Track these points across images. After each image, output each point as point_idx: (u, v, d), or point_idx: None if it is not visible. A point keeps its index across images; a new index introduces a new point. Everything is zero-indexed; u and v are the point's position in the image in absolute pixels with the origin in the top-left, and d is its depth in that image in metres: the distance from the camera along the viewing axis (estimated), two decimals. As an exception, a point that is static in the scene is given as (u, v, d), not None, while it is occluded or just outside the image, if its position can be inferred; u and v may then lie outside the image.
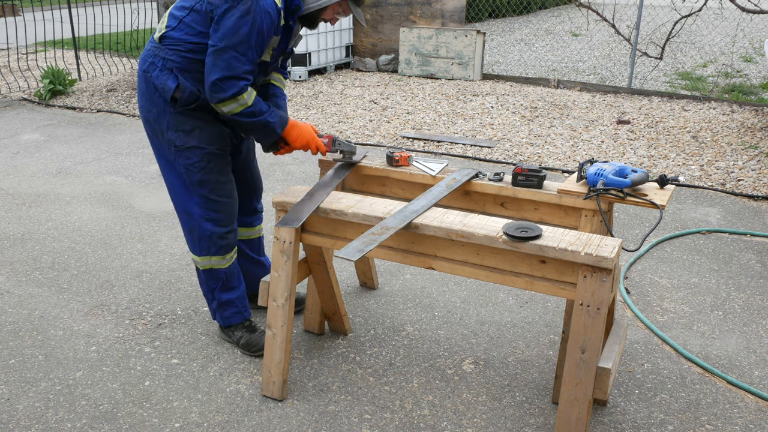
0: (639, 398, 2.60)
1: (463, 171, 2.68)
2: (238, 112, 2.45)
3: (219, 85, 2.38)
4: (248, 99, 2.44)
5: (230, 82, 2.38)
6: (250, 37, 2.37)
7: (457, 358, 2.84)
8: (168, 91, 2.50)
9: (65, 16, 12.29)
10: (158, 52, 2.53)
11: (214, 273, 2.78)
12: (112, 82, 8.44)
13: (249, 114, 2.47)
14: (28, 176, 5.06)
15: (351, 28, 9.28)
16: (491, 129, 6.31)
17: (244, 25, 2.35)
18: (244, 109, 2.45)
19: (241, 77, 2.40)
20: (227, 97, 2.40)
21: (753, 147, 5.67)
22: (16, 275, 3.53)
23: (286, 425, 2.43)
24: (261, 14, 2.37)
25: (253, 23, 2.35)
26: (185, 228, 2.76)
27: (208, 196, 2.65)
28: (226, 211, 2.72)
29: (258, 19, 2.36)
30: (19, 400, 2.56)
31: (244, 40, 2.36)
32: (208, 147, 2.60)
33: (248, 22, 2.35)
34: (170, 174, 2.69)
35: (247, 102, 2.44)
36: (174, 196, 2.73)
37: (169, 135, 2.59)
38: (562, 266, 2.08)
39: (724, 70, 9.19)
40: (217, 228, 2.71)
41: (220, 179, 2.67)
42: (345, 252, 2.09)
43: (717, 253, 3.83)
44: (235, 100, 2.42)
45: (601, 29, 12.42)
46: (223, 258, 2.77)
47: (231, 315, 2.85)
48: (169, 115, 2.55)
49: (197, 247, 2.74)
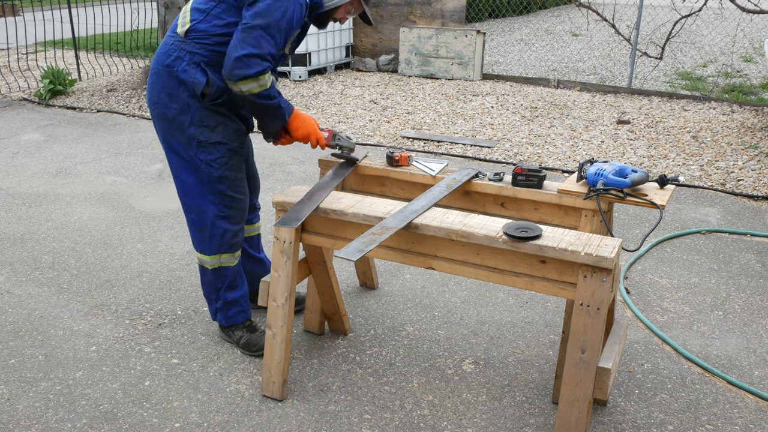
0: (639, 398, 2.60)
1: (463, 171, 2.68)
2: (257, 92, 2.43)
3: (244, 62, 2.36)
4: (268, 81, 2.44)
5: (255, 60, 2.37)
6: (281, 22, 2.40)
7: (457, 358, 2.84)
8: (199, 86, 2.51)
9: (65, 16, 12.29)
10: (184, 46, 2.53)
11: (223, 271, 2.79)
12: (112, 82, 8.44)
13: (266, 96, 2.46)
14: (28, 176, 5.06)
15: (351, 28, 9.28)
16: (491, 129, 6.31)
17: (278, 8, 2.38)
18: (263, 90, 2.44)
19: (266, 58, 2.40)
20: (251, 74, 2.38)
21: (753, 147, 5.67)
22: (16, 275, 3.53)
23: (286, 425, 2.43)
24: (294, 3, 2.42)
25: (285, 9, 2.40)
26: (195, 228, 2.74)
27: (226, 192, 2.67)
28: (240, 208, 2.75)
29: (291, 8, 2.41)
30: (19, 400, 2.56)
31: (274, 23, 2.39)
32: (231, 143, 2.63)
33: (282, 7, 2.39)
34: (184, 172, 2.67)
35: (266, 84, 2.44)
36: (186, 196, 2.71)
37: (191, 130, 2.58)
38: (562, 266, 2.08)
39: (724, 70, 9.19)
40: (230, 225, 2.73)
41: (237, 176, 2.70)
42: (345, 252, 2.09)
43: (717, 253, 3.83)
44: (256, 80, 2.40)
45: (601, 29, 12.42)
46: (233, 255, 2.78)
47: (235, 314, 2.86)
48: (194, 110, 2.56)
49: (207, 246, 2.74)
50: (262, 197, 4.53)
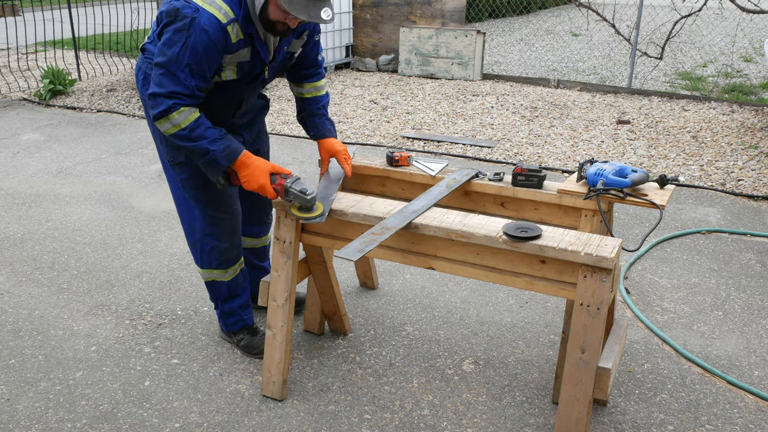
0: (639, 398, 2.60)
1: (463, 171, 2.68)
2: (172, 133, 2.27)
3: (151, 100, 2.24)
4: (180, 120, 2.24)
5: (158, 99, 2.22)
6: (182, 57, 2.19)
7: (457, 358, 2.84)
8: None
9: (65, 16, 12.29)
10: (141, 64, 2.50)
11: (217, 285, 2.79)
12: (112, 82, 8.44)
13: (183, 137, 2.27)
14: (28, 176, 5.06)
15: (351, 28, 9.27)
16: (491, 129, 6.31)
17: (176, 42, 2.19)
18: (178, 130, 2.26)
19: (171, 96, 2.21)
20: (156, 114, 2.24)
21: (753, 147, 5.67)
22: (16, 275, 3.53)
23: (286, 425, 2.43)
24: (196, 33, 2.18)
25: (185, 43, 2.19)
26: (189, 240, 2.75)
27: (205, 211, 2.62)
28: (226, 227, 2.67)
29: (192, 39, 2.19)
30: (19, 400, 2.56)
31: (174, 58, 2.20)
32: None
33: (181, 40, 2.19)
34: (173, 186, 2.68)
35: (179, 123, 2.25)
36: (178, 208, 2.72)
37: (162, 148, 2.57)
38: (562, 266, 2.08)
39: (724, 70, 9.19)
40: (218, 242, 2.68)
41: (216, 195, 2.58)
42: (345, 252, 2.09)
43: (717, 253, 3.83)
44: (167, 119, 2.24)
45: (601, 29, 12.41)
46: (225, 272, 2.76)
47: (233, 323, 2.86)
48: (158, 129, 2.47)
49: (199, 260, 2.74)
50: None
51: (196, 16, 2.18)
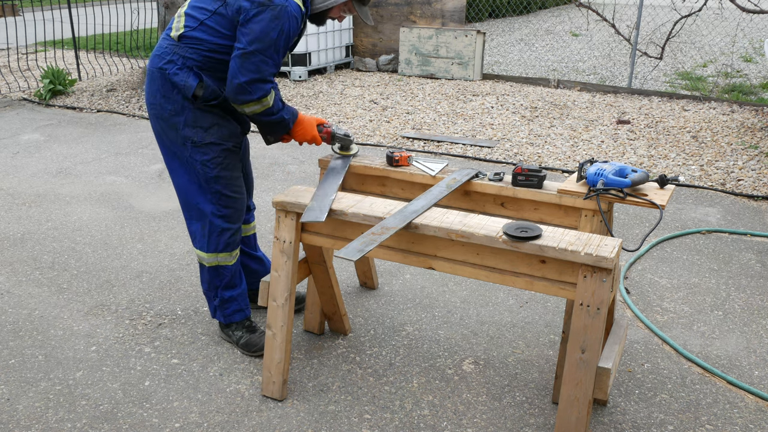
0: (639, 398, 2.60)
1: (463, 171, 2.68)
2: (260, 112, 2.53)
3: (246, 88, 2.44)
4: (270, 100, 2.52)
5: (257, 85, 2.45)
6: (279, 42, 2.43)
7: (457, 358, 2.84)
8: (189, 89, 2.53)
9: (65, 16, 12.29)
10: (177, 50, 2.55)
11: (220, 270, 2.79)
12: (112, 82, 8.44)
13: (269, 113, 2.55)
14: (28, 176, 5.06)
15: (351, 28, 9.28)
16: (491, 129, 6.31)
17: (273, 29, 2.41)
18: (266, 109, 2.53)
19: (268, 80, 2.47)
20: (253, 99, 2.47)
21: (753, 147, 5.67)
22: (16, 275, 3.53)
23: (286, 425, 2.43)
24: (289, 19, 2.44)
25: (281, 29, 2.42)
26: (195, 226, 2.77)
27: (222, 191, 2.68)
28: (237, 207, 2.76)
29: (286, 25, 2.43)
30: (19, 400, 2.56)
31: (272, 44, 2.42)
32: (225, 143, 2.65)
33: (277, 26, 2.41)
34: (182, 172, 2.70)
35: (269, 103, 2.52)
36: (184, 195, 2.74)
37: (186, 132, 2.60)
38: (562, 266, 2.08)
39: (724, 70, 9.19)
40: (228, 224, 2.74)
41: (233, 175, 2.71)
42: (345, 252, 2.09)
43: (717, 253, 3.83)
44: (259, 102, 2.50)
45: (601, 29, 12.42)
46: (230, 255, 2.79)
47: (232, 312, 2.86)
48: (188, 111, 2.58)
49: (206, 244, 2.75)
50: (263, 197, 4.53)
51: (287, 5, 2.43)
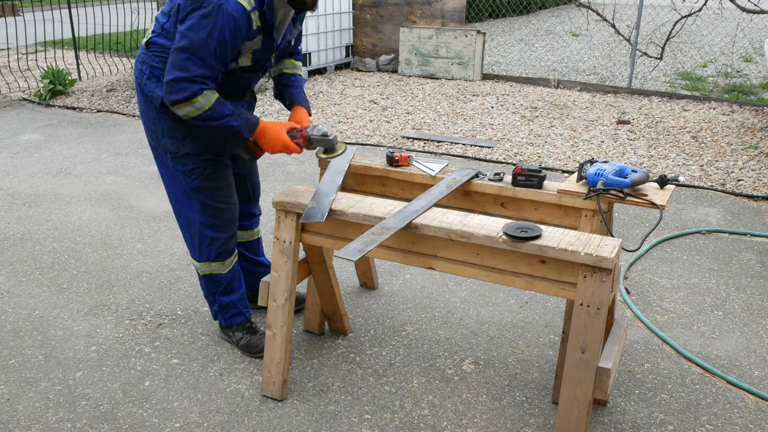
0: (639, 398, 2.60)
1: (463, 171, 2.68)
2: (195, 116, 2.34)
3: (173, 86, 2.28)
4: (204, 103, 2.31)
5: (183, 84, 2.27)
6: (210, 41, 2.25)
7: (457, 358, 2.84)
8: (156, 99, 2.47)
9: (65, 16, 12.29)
10: (146, 58, 2.51)
11: (214, 278, 2.79)
12: (112, 82, 8.44)
13: (207, 118, 2.35)
14: (28, 176, 5.06)
15: (351, 28, 9.28)
16: (491, 129, 6.31)
17: (203, 28, 2.24)
18: (201, 113, 2.33)
19: (195, 80, 2.28)
20: (180, 99, 2.29)
21: (753, 147, 5.67)
22: (16, 275, 3.53)
23: (286, 425, 2.43)
24: (224, 19, 2.25)
25: (213, 27, 2.24)
26: (186, 234, 2.75)
27: (206, 202, 2.64)
28: (226, 217, 2.70)
29: (219, 24, 2.25)
30: (19, 400, 2.56)
31: (202, 43, 2.25)
32: (203, 154, 2.57)
33: (208, 25, 2.24)
34: (169, 180, 2.68)
35: (203, 106, 2.32)
36: (174, 202, 2.72)
37: (164, 142, 2.57)
38: (562, 266, 2.08)
39: (724, 70, 9.19)
40: (217, 234, 2.70)
41: (218, 185, 2.63)
42: (345, 252, 2.09)
43: (717, 253, 3.83)
44: (190, 103, 2.30)
45: (601, 29, 12.42)
46: (223, 264, 2.76)
47: (232, 316, 2.86)
48: (163, 121, 2.53)
49: (197, 253, 2.74)
50: (263, 197, 4.53)
51: (223, 2, 2.25)
